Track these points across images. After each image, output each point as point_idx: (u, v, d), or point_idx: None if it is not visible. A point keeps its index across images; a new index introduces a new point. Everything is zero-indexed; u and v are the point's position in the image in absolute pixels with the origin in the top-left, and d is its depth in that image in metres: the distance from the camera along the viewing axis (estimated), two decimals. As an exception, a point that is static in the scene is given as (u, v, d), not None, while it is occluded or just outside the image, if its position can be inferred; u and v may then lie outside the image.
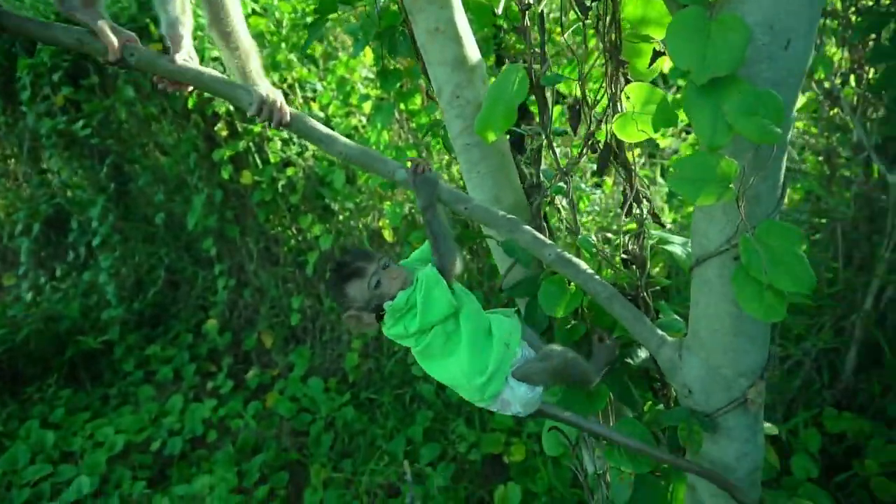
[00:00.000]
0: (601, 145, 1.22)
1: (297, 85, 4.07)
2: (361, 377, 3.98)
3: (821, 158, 2.84)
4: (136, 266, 4.97)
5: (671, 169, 0.88)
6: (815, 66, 2.52)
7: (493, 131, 1.15)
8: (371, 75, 3.90)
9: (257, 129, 4.19)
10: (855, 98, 2.67)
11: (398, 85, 3.25)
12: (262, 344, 4.53)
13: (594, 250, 1.22)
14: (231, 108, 4.11)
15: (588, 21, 1.12)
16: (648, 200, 1.27)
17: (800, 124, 2.91)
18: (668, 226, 3.25)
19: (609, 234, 2.65)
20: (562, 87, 1.57)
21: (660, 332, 1.18)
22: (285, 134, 4.26)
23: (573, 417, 1.27)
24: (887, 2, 2.48)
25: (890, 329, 2.81)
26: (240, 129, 4.19)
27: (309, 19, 3.89)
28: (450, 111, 1.35)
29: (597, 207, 3.25)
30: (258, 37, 3.97)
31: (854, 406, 2.92)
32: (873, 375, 2.90)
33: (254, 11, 3.93)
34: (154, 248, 4.92)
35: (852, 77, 2.69)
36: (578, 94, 1.19)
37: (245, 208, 4.56)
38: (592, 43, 1.39)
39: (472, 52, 1.32)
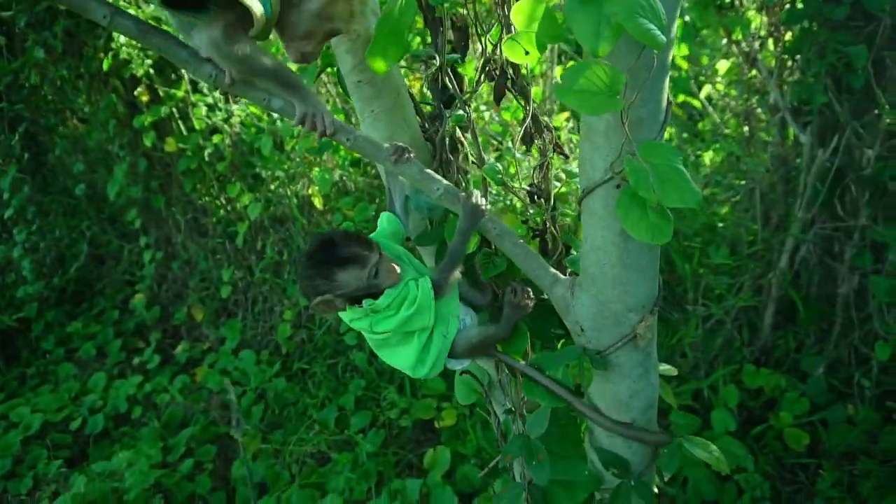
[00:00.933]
0: (497, 71, 1.18)
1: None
2: (294, 348, 3.90)
3: (741, 120, 2.89)
4: (57, 240, 4.72)
5: (558, 80, 0.84)
6: (732, 26, 2.55)
7: (384, 60, 1.10)
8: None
9: (180, 93, 4.00)
10: (773, 61, 2.71)
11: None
12: (192, 318, 4.39)
13: (500, 178, 1.18)
14: (151, 70, 3.92)
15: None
16: (550, 130, 1.25)
17: (720, 86, 2.96)
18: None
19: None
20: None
21: (552, 270, 1.16)
22: (210, 99, 4.09)
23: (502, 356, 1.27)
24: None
25: (804, 286, 2.90)
26: (162, 94, 4.00)
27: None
28: (340, 46, 1.28)
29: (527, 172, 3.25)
30: None
31: (771, 362, 3.02)
32: (789, 332, 3.00)
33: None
34: (75, 222, 4.69)
35: (770, 41, 2.73)
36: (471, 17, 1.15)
37: (170, 178, 4.38)
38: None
39: (363, -17, 1.25)
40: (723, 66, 3.08)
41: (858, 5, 2.34)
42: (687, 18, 2.51)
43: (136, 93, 3.96)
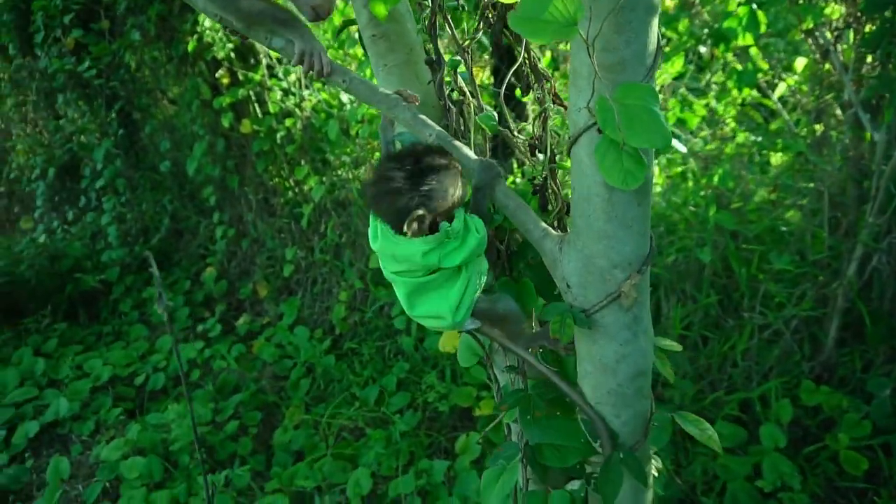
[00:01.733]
0: (494, 20, 1.18)
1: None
2: (347, 329, 3.99)
3: (811, 119, 2.71)
4: (142, 213, 5.07)
5: (511, 14, 0.83)
6: (804, 14, 2.40)
7: (384, 4, 1.12)
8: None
9: (258, 77, 4.21)
10: (850, 54, 2.54)
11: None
12: (256, 293, 4.59)
13: (496, 127, 1.18)
14: (233, 54, 4.14)
15: None
16: (548, 79, 1.23)
17: (790, 81, 2.79)
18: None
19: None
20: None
21: (543, 224, 1.13)
22: (285, 84, 4.28)
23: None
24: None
25: (874, 300, 2.68)
26: (241, 77, 4.22)
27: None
28: (357, 1, 1.32)
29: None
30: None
31: (834, 380, 2.81)
32: (856, 350, 2.78)
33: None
34: (159, 196, 5.01)
35: (851, 33, 2.56)
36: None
37: (245, 158, 4.60)
38: None
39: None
40: (800, 63, 2.91)
41: (947, -7, 2.16)
42: (754, 6, 2.39)
43: (217, 75, 4.20)
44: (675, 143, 3.04)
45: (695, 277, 2.99)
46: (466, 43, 1.19)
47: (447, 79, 1.21)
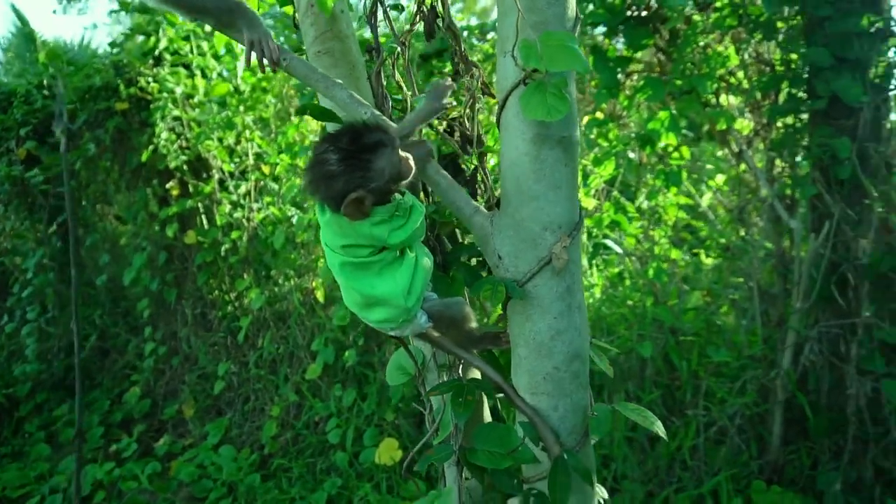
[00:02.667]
0: (427, 11, 1.26)
1: (249, 146, 4.22)
2: (277, 449, 3.69)
3: (734, 216, 2.90)
4: (69, 330, 4.79)
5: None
6: (716, 118, 2.66)
7: (328, 2, 1.20)
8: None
9: (208, 189, 4.27)
10: (762, 158, 2.79)
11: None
12: (181, 413, 4.25)
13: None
14: (185, 166, 4.22)
15: None
16: (478, 68, 1.29)
17: (713, 182, 3.01)
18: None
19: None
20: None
21: (474, 202, 1.13)
22: (234, 196, 4.34)
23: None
24: (781, 68, 2.67)
25: (812, 392, 2.69)
26: (191, 190, 4.27)
27: (265, 85, 4.14)
28: (305, 21, 1.41)
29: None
30: (221, 102, 4.19)
31: (784, 479, 2.71)
32: (802, 447, 2.73)
33: (219, 75, 4.18)
34: (90, 311, 4.78)
35: (757, 140, 2.83)
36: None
37: (186, 272, 4.51)
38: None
39: (331, -34, 1.41)
40: (719, 178, 3.17)
41: (837, 99, 2.45)
42: (673, 111, 2.65)
43: (168, 186, 4.25)
44: (610, 243, 3.14)
45: (637, 376, 2.96)
46: (403, 34, 1.26)
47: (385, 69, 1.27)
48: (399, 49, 1.28)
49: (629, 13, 2.78)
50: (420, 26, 1.30)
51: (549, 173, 1.04)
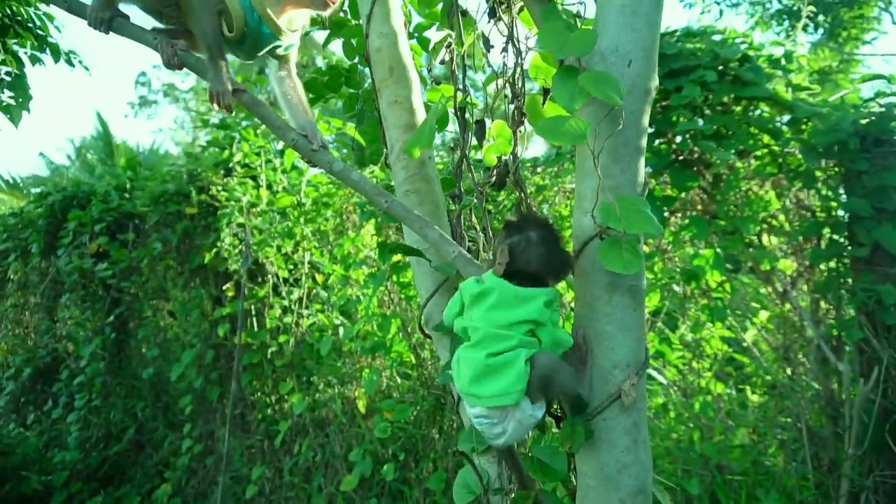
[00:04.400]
0: (500, 164, 1.43)
1: (305, 256, 4.45)
2: (304, 560, 3.61)
3: (780, 355, 2.92)
4: (109, 420, 4.89)
5: (538, 125, 1.08)
6: (759, 259, 2.77)
7: (419, 147, 1.38)
8: (373, 254, 4.27)
9: (262, 293, 4.47)
10: (807, 300, 2.86)
11: (393, 258, 3.60)
12: (210, 516, 4.21)
13: None
14: (242, 270, 4.46)
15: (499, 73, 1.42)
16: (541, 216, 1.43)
17: (758, 320, 3.06)
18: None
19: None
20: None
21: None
22: (286, 302, 4.52)
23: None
24: (822, 214, 2.80)
25: (870, 544, 2.58)
26: (246, 292, 4.48)
27: (325, 200, 4.43)
28: (397, 164, 1.60)
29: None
30: (282, 213, 4.48)
31: None
32: None
33: (283, 188, 4.50)
34: (132, 403, 4.89)
35: (801, 281, 2.91)
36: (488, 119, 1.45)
37: (230, 371, 4.62)
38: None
39: (421, 119, 1.61)
40: (764, 315, 3.23)
41: (879, 246, 2.55)
42: (718, 250, 2.77)
43: (224, 287, 4.47)
44: (654, 373, 3.19)
45: (682, 514, 2.88)
46: (481, 185, 1.43)
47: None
48: (476, 199, 1.45)
49: (674, 157, 2.98)
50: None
51: (620, 317, 1.15)
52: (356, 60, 1.94)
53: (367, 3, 1.67)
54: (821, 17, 7.93)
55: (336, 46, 2.12)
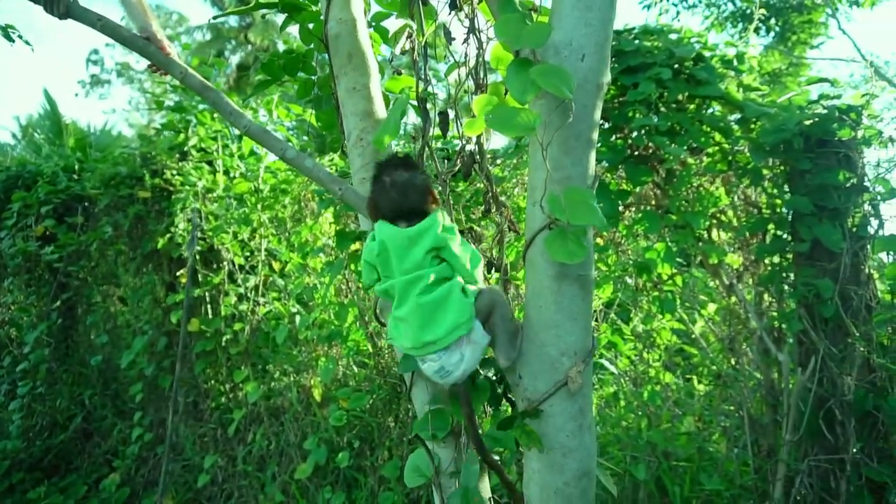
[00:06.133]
0: (465, 154, 1.45)
1: (262, 243, 4.39)
2: (256, 549, 3.59)
3: (725, 346, 3.03)
4: (55, 408, 4.75)
5: (487, 116, 1.09)
6: (709, 252, 2.86)
7: (387, 137, 1.39)
8: (331, 242, 4.24)
9: (217, 279, 4.39)
10: (751, 292, 2.97)
11: (351, 246, 3.59)
12: (159, 506, 4.14)
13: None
14: (198, 256, 4.37)
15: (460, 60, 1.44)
16: (507, 207, 1.45)
17: (705, 312, 3.16)
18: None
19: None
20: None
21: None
22: (241, 289, 4.46)
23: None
24: (767, 211, 2.91)
25: (803, 526, 2.71)
26: (200, 279, 4.40)
27: (284, 187, 4.38)
28: (353, 151, 1.60)
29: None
30: (239, 199, 4.41)
31: None
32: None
33: (241, 174, 4.42)
34: (79, 390, 4.76)
35: (747, 274, 3.02)
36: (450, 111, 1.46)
37: (184, 359, 4.54)
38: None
39: (379, 107, 1.62)
40: (711, 307, 3.34)
41: (819, 243, 2.66)
42: (670, 244, 2.85)
43: (178, 274, 4.37)
44: (606, 363, 3.25)
45: (629, 499, 2.97)
46: (445, 173, 1.45)
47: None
48: (440, 186, 1.46)
49: (629, 152, 3.05)
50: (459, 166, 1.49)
51: (568, 305, 1.18)
52: (312, 46, 1.92)
53: (326, -11, 1.66)
54: (772, 21, 8.18)
55: (294, 31, 2.10)
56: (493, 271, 1.45)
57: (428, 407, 1.40)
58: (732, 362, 3.08)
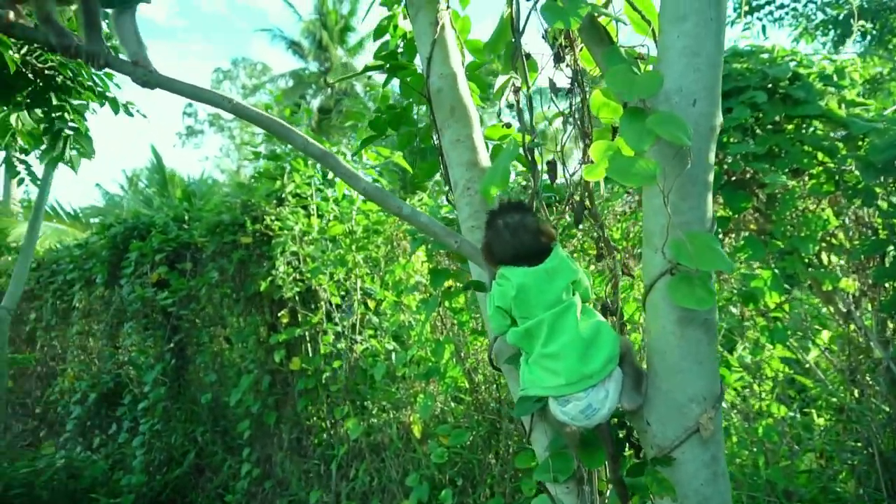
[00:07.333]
0: (576, 201, 1.46)
1: (357, 282, 4.54)
2: (362, 584, 3.65)
3: (846, 377, 2.85)
4: (171, 444, 5.05)
5: (607, 164, 1.12)
6: (820, 278, 2.72)
7: (495, 187, 1.44)
8: (424, 280, 4.33)
9: (315, 319, 4.58)
10: (872, 319, 2.79)
11: (445, 283, 3.65)
12: (268, 540, 4.30)
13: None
14: (297, 297, 4.58)
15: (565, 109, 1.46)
16: (617, 250, 1.45)
17: (820, 340, 3.00)
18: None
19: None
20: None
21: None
22: (339, 327, 4.62)
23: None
24: (884, 232, 2.75)
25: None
26: (300, 319, 4.60)
27: (376, 227, 4.53)
28: (461, 200, 1.65)
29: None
30: (333, 240, 4.60)
31: None
32: None
33: (335, 217, 4.62)
34: (192, 427, 5.04)
35: (865, 300, 2.85)
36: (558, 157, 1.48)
37: (287, 396, 4.73)
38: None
39: (483, 157, 1.67)
40: (825, 334, 3.16)
41: (948, 264, 2.48)
42: (776, 271, 2.73)
43: (279, 314, 4.59)
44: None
45: (749, 541, 2.82)
46: (554, 219, 1.47)
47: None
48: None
49: (726, 178, 2.97)
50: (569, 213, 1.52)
51: (694, 350, 1.17)
52: (412, 99, 2.01)
53: (426, 47, 1.74)
54: (868, 25, 7.76)
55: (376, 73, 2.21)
56: (608, 315, 1.46)
57: (549, 451, 1.41)
58: (856, 394, 2.89)
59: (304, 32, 24.64)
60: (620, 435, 1.39)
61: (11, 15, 1.75)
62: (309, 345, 4.60)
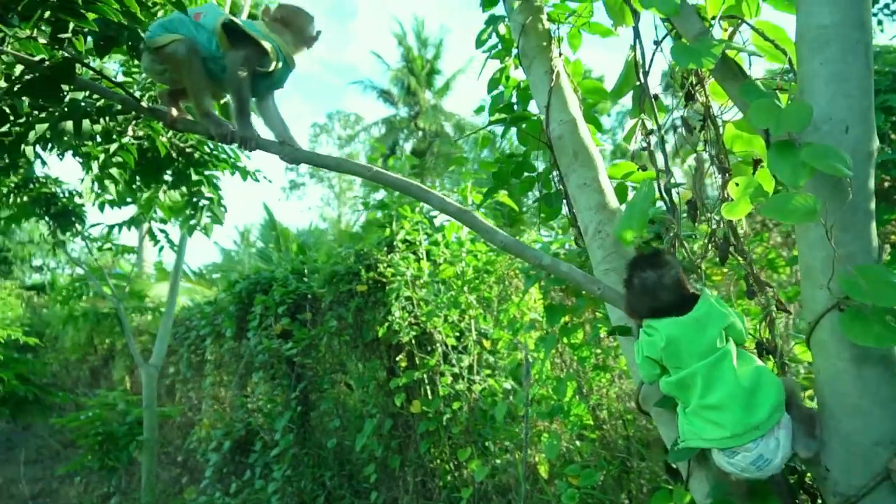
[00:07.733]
0: (720, 240, 1.42)
1: (471, 323, 4.59)
2: None
3: None
4: (301, 489, 5.24)
5: (762, 203, 1.09)
6: None
7: (631, 231, 1.43)
8: (539, 317, 4.31)
9: (432, 362, 4.65)
10: None
11: (562, 320, 3.62)
12: (400, 585, 4.33)
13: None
14: (414, 341, 4.68)
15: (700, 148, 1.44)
16: (770, 286, 1.39)
17: None
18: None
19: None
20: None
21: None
22: (456, 369, 4.66)
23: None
24: None
25: None
26: (417, 362, 4.69)
27: (487, 268, 4.57)
28: (593, 244, 1.65)
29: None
30: (444, 283, 4.69)
31: None
32: None
33: (445, 260, 4.72)
34: (320, 472, 5.22)
35: None
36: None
37: (409, 439, 4.81)
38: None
39: (611, 199, 1.67)
40: None
41: None
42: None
43: (397, 359, 4.71)
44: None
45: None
46: (697, 259, 1.44)
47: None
48: (694, 276, 1.46)
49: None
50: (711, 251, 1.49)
51: (874, 390, 1.10)
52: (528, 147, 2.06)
53: (543, 96, 1.79)
54: None
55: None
56: (764, 354, 1.39)
57: (710, 498, 1.35)
58: None
59: (392, 80, 25.67)
60: (791, 480, 1.31)
61: (174, 111, 1.96)
62: (427, 387, 4.67)
